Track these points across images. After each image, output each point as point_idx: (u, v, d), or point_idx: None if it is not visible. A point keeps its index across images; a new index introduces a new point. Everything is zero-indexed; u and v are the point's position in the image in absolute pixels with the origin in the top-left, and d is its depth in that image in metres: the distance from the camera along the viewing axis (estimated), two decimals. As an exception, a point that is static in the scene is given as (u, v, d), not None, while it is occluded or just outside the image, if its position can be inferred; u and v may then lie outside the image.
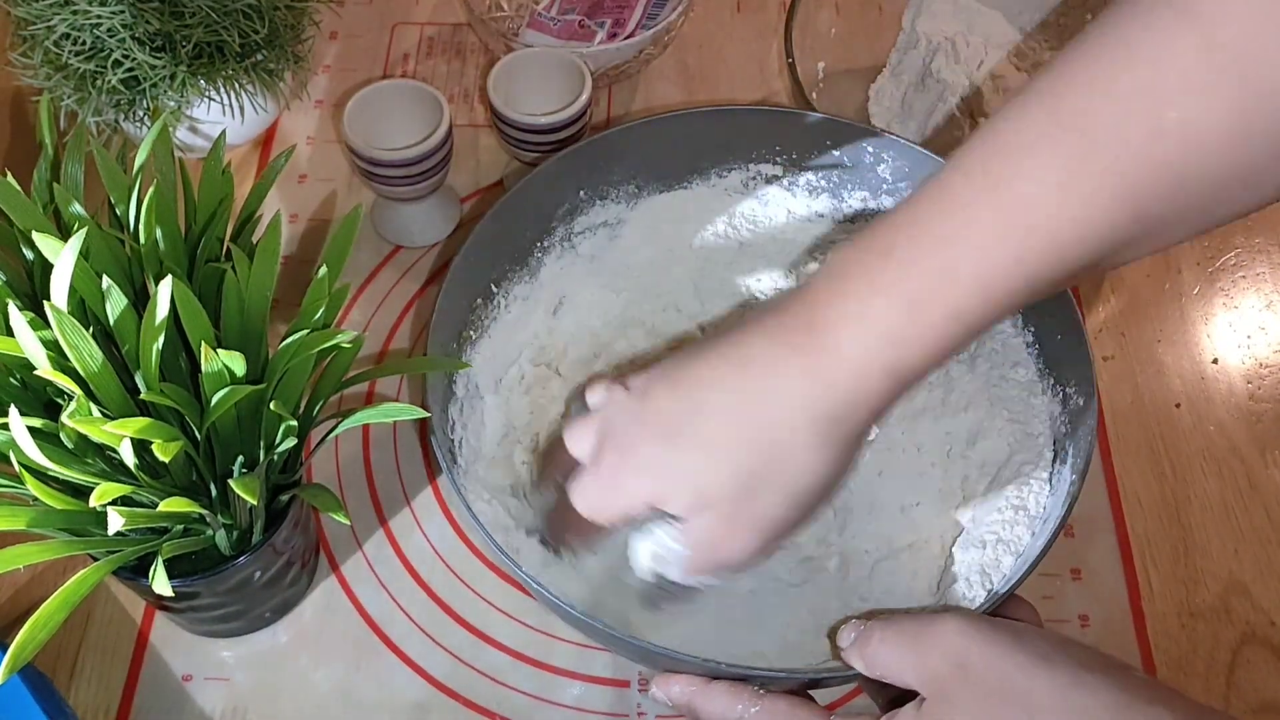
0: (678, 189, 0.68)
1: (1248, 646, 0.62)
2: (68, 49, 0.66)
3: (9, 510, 0.46)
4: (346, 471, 0.67)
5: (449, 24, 0.88)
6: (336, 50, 0.86)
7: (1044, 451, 0.59)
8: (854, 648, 0.49)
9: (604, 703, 0.60)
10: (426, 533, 0.65)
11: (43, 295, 0.48)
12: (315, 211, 0.77)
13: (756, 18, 0.89)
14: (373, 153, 0.68)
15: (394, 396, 0.70)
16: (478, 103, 0.83)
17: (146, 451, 0.46)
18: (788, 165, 0.67)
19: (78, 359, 0.45)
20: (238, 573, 0.55)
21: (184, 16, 0.67)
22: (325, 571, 0.64)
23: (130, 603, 0.62)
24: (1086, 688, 0.43)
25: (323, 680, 0.60)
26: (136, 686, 0.60)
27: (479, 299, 0.63)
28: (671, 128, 0.66)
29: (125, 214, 0.53)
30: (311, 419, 0.54)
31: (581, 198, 0.66)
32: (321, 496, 0.51)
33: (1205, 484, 0.67)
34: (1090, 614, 0.63)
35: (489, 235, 0.61)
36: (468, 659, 0.61)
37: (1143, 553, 0.65)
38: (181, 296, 0.47)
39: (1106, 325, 0.74)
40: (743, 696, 0.49)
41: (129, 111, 0.69)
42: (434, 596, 0.63)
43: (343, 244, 0.54)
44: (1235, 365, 0.72)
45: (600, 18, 0.84)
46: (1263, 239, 0.77)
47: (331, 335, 0.50)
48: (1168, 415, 0.70)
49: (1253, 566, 0.64)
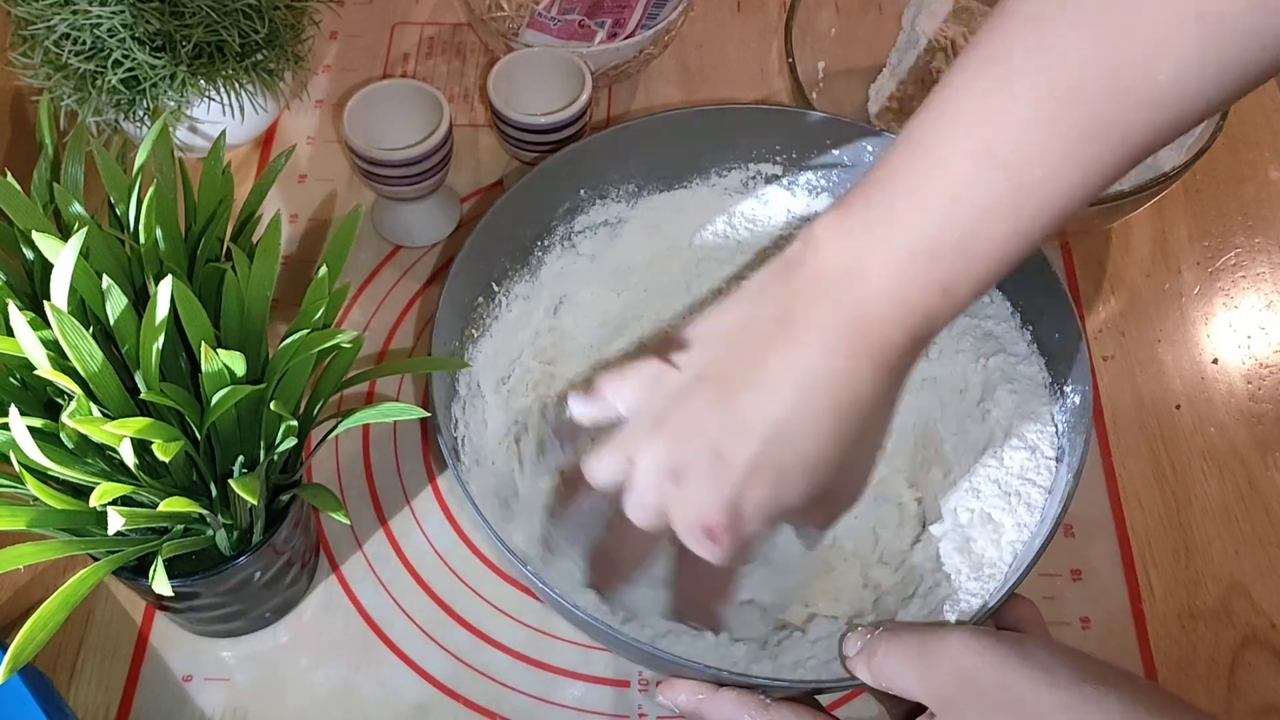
0: (678, 188, 0.68)
1: (1248, 648, 0.62)
2: (68, 49, 0.66)
3: (9, 510, 0.46)
4: (346, 471, 0.67)
5: (449, 24, 0.88)
6: (336, 50, 0.86)
7: (1043, 451, 0.59)
8: (860, 657, 0.49)
9: (604, 703, 0.60)
10: (427, 533, 0.65)
11: (43, 295, 0.48)
12: (315, 211, 0.77)
13: (756, 18, 0.89)
14: (373, 153, 0.68)
15: (394, 396, 0.70)
16: (478, 103, 0.83)
17: (146, 451, 0.46)
18: (788, 164, 0.67)
19: (78, 359, 0.45)
20: (238, 573, 0.55)
21: (184, 16, 0.67)
22: (325, 571, 0.64)
23: (130, 603, 0.62)
24: (1092, 703, 0.43)
25: (323, 680, 0.60)
26: (136, 686, 0.60)
27: (480, 298, 0.63)
28: (671, 127, 0.66)
29: (125, 214, 0.53)
30: (311, 419, 0.54)
31: (582, 197, 0.66)
32: (322, 496, 0.51)
33: (1205, 485, 0.67)
34: (1090, 615, 0.63)
35: (489, 235, 0.61)
36: (468, 659, 0.61)
37: (1143, 554, 0.65)
38: (181, 296, 0.47)
39: (1106, 325, 0.74)
40: (749, 705, 0.49)
41: (129, 111, 0.69)
42: (434, 596, 0.63)
43: (343, 244, 0.54)
44: (1235, 365, 0.72)
45: (600, 18, 0.84)
46: (1263, 239, 0.77)
47: (331, 335, 0.50)
48: (1168, 416, 0.70)
49: (1253, 568, 0.64)
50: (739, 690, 0.50)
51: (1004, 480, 0.59)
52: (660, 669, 0.52)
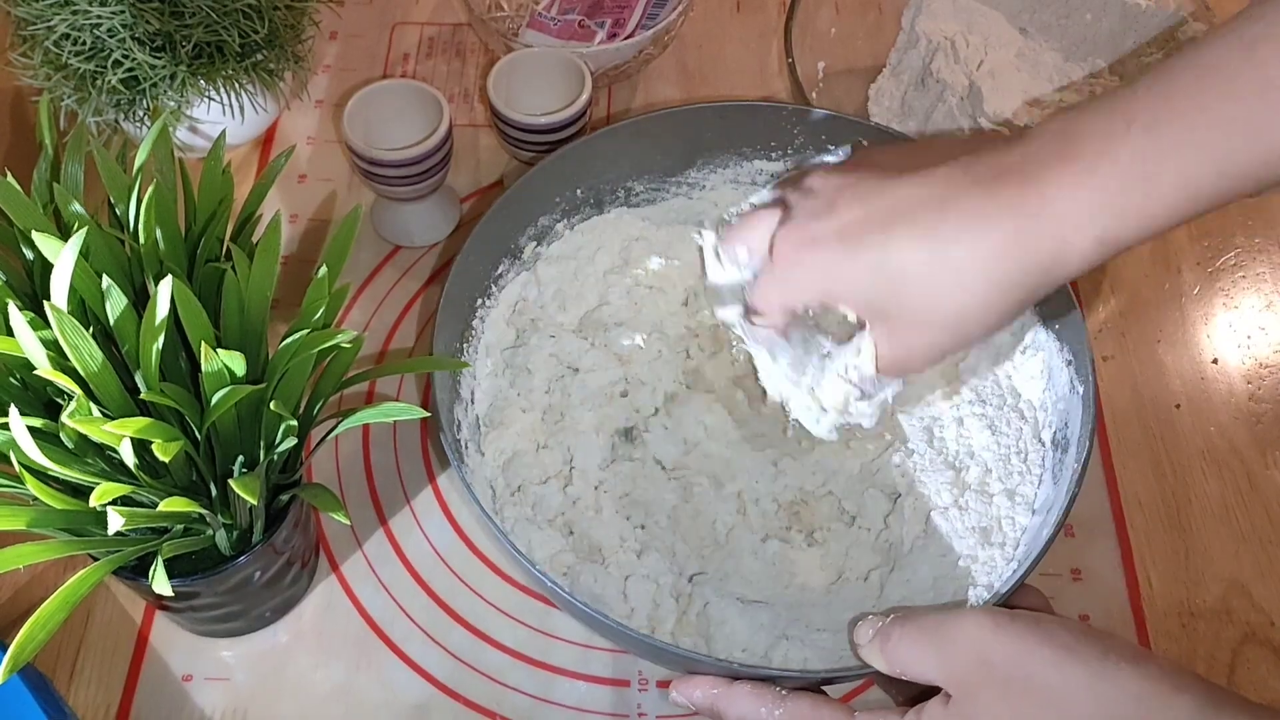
0: (676, 185, 0.68)
1: (1248, 647, 0.62)
2: (68, 49, 0.66)
3: (9, 510, 0.46)
4: (346, 471, 0.67)
5: (449, 24, 0.88)
6: (336, 50, 0.86)
7: (1044, 450, 0.59)
8: (873, 645, 0.49)
9: (604, 703, 0.60)
10: (427, 532, 0.65)
11: (43, 295, 0.48)
12: (315, 211, 0.77)
13: (756, 18, 0.89)
14: (373, 153, 0.68)
15: (394, 396, 0.70)
16: (478, 103, 0.83)
17: (146, 451, 0.46)
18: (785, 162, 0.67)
19: (78, 359, 0.45)
20: (238, 572, 0.55)
21: (184, 16, 0.67)
22: (325, 571, 0.64)
23: (130, 603, 0.62)
24: (1111, 679, 0.43)
25: (323, 680, 0.60)
26: (136, 686, 0.60)
27: (480, 298, 0.63)
28: (670, 124, 0.66)
29: (125, 214, 0.53)
30: (311, 419, 0.54)
31: (580, 195, 0.66)
32: (321, 496, 0.51)
33: (1205, 484, 0.67)
34: (1090, 614, 0.63)
35: (489, 235, 0.61)
36: (468, 659, 0.61)
37: (1143, 553, 0.65)
38: (181, 296, 0.47)
39: (1106, 325, 0.74)
40: (766, 698, 0.49)
41: (129, 111, 0.69)
42: (434, 596, 0.63)
43: (343, 244, 0.54)
44: (1235, 365, 0.72)
45: (600, 18, 0.84)
46: (1263, 239, 0.77)
47: (331, 335, 0.50)
48: (1168, 415, 0.70)
49: (1253, 567, 0.64)
50: (754, 683, 0.50)
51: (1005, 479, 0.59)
52: (671, 665, 0.52)
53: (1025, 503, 0.58)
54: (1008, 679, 0.44)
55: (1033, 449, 0.60)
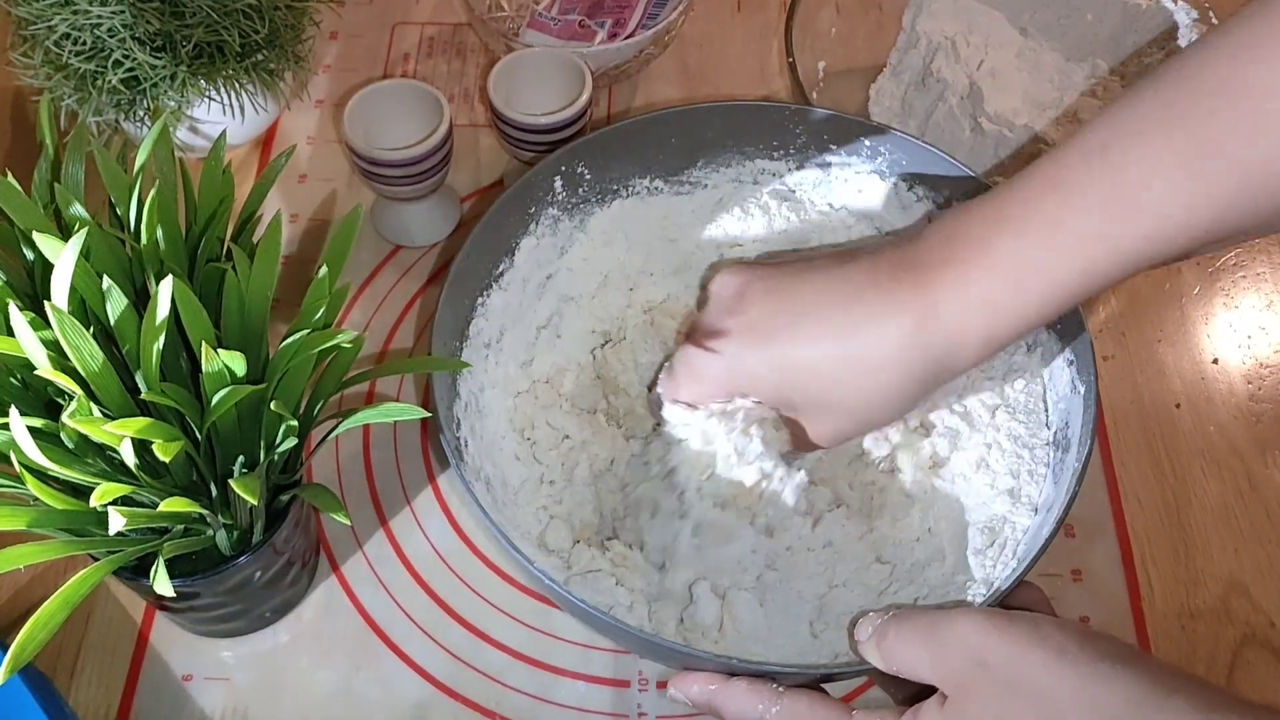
0: (676, 185, 0.68)
1: (1248, 647, 0.62)
2: (68, 49, 0.66)
3: (9, 510, 0.46)
4: (346, 471, 0.67)
5: (449, 24, 0.88)
6: (336, 50, 0.86)
7: (1045, 450, 0.59)
8: (871, 642, 0.49)
9: (604, 703, 0.60)
10: (427, 533, 0.65)
11: (43, 295, 0.48)
12: (315, 211, 0.77)
13: (756, 18, 0.89)
14: (373, 153, 0.68)
15: (394, 396, 0.70)
16: (478, 103, 0.83)
17: (147, 451, 0.46)
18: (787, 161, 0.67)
19: (78, 359, 0.45)
20: (238, 573, 0.55)
21: (184, 16, 0.67)
22: (325, 571, 0.64)
23: (130, 603, 0.62)
24: (1106, 682, 0.43)
25: (323, 680, 0.60)
26: (136, 686, 0.60)
27: (480, 298, 0.63)
28: (670, 124, 0.66)
29: (126, 214, 0.53)
30: (312, 419, 0.54)
31: (580, 195, 0.66)
32: (322, 496, 0.51)
33: (1205, 484, 0.67)
34: (1090, 615, 0.63)
35: (489, 235, 0.61)
36: (468, 659, 0.61)
37: (1143, 553, 0.65)
38: (182, 296, 0.47)
39: (1106, 325, 0.74)
40: (763, 695, 0.49)
41: (129, 111, 0.69)
42: (434, 596, 0.63)
43: (343, 244, 0.54)
44: (1235, 365, 0.72)
45: (600, 18, 0.84)
46: (1263, 239, 0.77)
47: (332, 335, 0.50)
48: (1168, 415, 0.70)
49: (1253, 567, 0.64)
50: (751, 679, 0.50)
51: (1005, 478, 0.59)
52: (670, 662, 0.52)
53: (1027, 503, 0.58)
54: (1002, 681, 0.44)
55: (1034, 449, 0.60)
